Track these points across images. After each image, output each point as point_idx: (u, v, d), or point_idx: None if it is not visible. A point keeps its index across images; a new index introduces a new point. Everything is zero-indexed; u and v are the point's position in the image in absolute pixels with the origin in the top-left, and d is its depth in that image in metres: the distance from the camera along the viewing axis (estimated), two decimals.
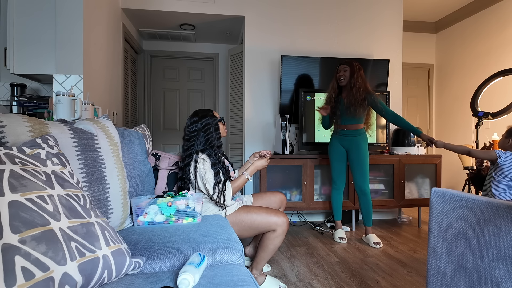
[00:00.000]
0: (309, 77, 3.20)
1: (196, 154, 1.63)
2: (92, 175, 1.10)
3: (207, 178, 1.59)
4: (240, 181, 1.70)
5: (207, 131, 1.65)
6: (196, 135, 1.65)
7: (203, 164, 1.60)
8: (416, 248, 2.42)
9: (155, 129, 4.29)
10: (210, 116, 1.68)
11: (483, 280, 0.85)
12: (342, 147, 2.55)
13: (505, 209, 0.80)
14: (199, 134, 1.64)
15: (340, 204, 2.67)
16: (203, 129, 1.65)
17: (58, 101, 1.61)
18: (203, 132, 1.65)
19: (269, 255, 1.63)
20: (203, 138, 1.65)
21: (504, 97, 3.56)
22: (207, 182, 1.59)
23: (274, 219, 1.57)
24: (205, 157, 1.62)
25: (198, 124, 1.65)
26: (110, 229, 0.84)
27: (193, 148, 1.64)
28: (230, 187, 1.63)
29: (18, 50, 2.00)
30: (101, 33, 2.46)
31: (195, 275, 0.82)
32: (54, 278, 0.61)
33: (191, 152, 1.64)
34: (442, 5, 4.08)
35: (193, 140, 1.65)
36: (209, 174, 1.59)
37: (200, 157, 1.62)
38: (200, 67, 4.36)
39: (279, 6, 3.29)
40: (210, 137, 1.65)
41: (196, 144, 1.64)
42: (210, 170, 1.60)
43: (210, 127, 1.66)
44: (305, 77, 3.19)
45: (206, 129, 1.65)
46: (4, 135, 0.86)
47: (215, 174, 1.60)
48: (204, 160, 1.61)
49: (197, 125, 1.65)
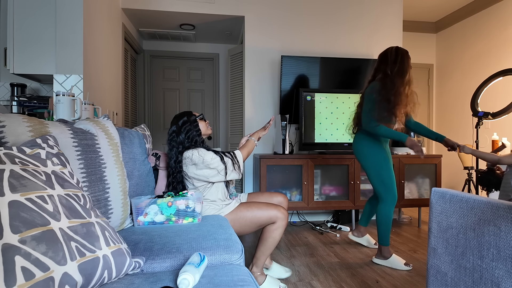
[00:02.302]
0: (309, 77, 3.20)
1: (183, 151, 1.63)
2: (92, 175, 1.10)
3: (211, 158, 1.59)
4: (249, 145, 1.78)
5: (185, 129, 1.67)
6: (175, 135, 1.66)
7: (198, 152, 1.60)
8: (416, 248, 2.42)
9: (155, 129, 4.29)
10: (187, 115, 1.72)
11: (483, 280, 0.85)
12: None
13: (505, 209, 0.80)
14: (178, 133, 1.67)
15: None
16: (181, 127, 1.67)
17: (58, 101, 1.61)
18: (182, 131, 1.67)
19: (269, 249, 1.64)
20: (184, 137, 1.66)
21: (504, 97, 3.55)
22: (212, 162, 1.59)
23: (274, 212, 1.61)
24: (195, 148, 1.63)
25: (176, 125, 1.69)
26: (110, 229, 0.84)
27: (174, 150, 1.65)
28: (239, 151, 1.71)
29: (18, 50, 2.00)
30: (101, 33, 2.46)
31: (195, 275, 0.82)
32: (54, 278, 0.61)
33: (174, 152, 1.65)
34: (442, 5, 4.08)
35: (173, 141, 1.66)
36: (210, 155, 1.60)
37: (191, 150, 1.61)
38: (200, 67, 4.36)
39: (279, 6, 3.29)
40: (190, 134, 1.67)
41: (176, 145, 1.65)
42: (208, 152, 1.61)
43: (188, 124, 1.68)
44: (305, 77, 3.19)
45: (185, 127, 1.68)
46: (4, 135, 0.86)
47: (215, 152, 1.63)
48: (197, 149, 1.61)
49: (175, 126, 1.68)
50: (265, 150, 3.29)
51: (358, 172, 2.90)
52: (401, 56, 2.03)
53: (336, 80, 3.21)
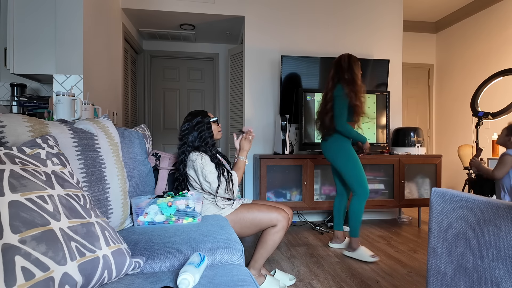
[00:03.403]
0: (309, 77, 3.20)
1: (192, 151, 1.64)
2: (92, 175, 1.10)
3: (210, 171, 1.59)
4: (241, 166, 1.74)
5: (199, 129, 1.68)
6: (188, 133, 1.68)
7: (202, 159, 1.60)
8: (416, 248, 2.42)
9: (155, 129, 4.29)
10: (202, 115, 1.72)
11: (483, 280, 0.85)
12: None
13: (505, 209, 0.80)
14: (191, 131, 1.68)
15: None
16: (195, 127, 1.68)
17: (58, 101, 1.61)
18: (196, 130, 1.68)
19: (267, 252, 1.63)
20: (196, 136, 1.67)
21: (504, 97, 3.56)
22: (209, 175, 1.58)
23: (275, 215, 1.59)
24: (202, 153, 1.63)
25: (190, 122, 1.69)
26: (110, 229, 0.84)
27: (185, 146, 1.66)
28: (235, 173, 1.67)
29: (18, 50, 2.00)
30: (101, 33, 2.46)
31: (195, 275, 0.82)
32: (54, 278, 0.61)
33: (183, 150, 1.66)
34: (442, 5, 4.08)
35: (185, 138, 1.68)
36: (210, 167, 1.60)
37: (197, 154, 1.62)
38: (200, 67, 4.36)
39: (279, 6, 3.29)
40: (202, 134, 1.68)
41: (187, 142, 1.66)
42: (210, 163, 1.61)
43: (202, 125, 1.69)
44: (305, 77, 3.19)
45: (198, 127, 1.68)
46: (4, 135, 0.86)
47: (217, 165, 1.61)
48: (202, 155, 1.62)
49: (189, 123, 1.69)
50: (265, 150, 3.29)
51: None
52: (354, 64, 2.24)
53: None
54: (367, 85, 3.27)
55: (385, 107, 3.15)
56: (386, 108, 3.15)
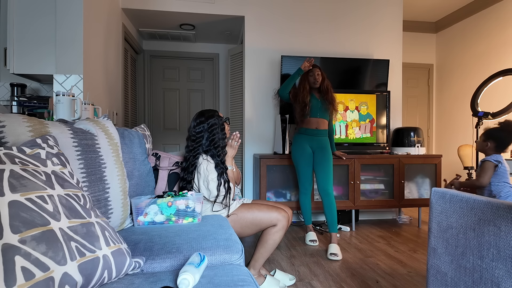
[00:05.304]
0: None
1: (201, 153, 1.64)
2: (92, 175, 1.10)
3: (212, 179, 1.59)
4: (230, 175, 1.72)
5: (213, 132, 1.65)
6: (202, 136, 1.64)
7: (207, 165, 1.60)
8: (416, 248, 2.42)
9: (155, 129, 4.29)
10: (216, 116, 1.69)
11: (483, 280, 0.85)
12: (310, 148, 2.48)
13: (505, 209, 0.80)
14: (205, 134, 1.65)
15: (310, 208, 2.58)
16: (209, 129, 1.65)
17: (58, 101, 1.61)
18: (209, 133, 1.65)
19: (268, 252, 1.63)
20: (208, 139, 1.65)
21: (504, 97, 3.56)
22: (211, 183, 1.58)
23: (275, 214, 1.59)
24: (208, 158, 1.63)
25: (205, 124, 1.65)
26: (110, 229, 0.84)
27: (199, 149, 1.64)
28: (233, 187, 1.66)
29: (18, 50, 2.00)
30: (101, 33, 2.46)
31: (195, 275, 0.82)
32: (54, 278, 0.61)
33: (198, 152, 1.64)
34: (442, 5, 4.08)
35: (199, 140, 1.64)
36: (213, 175, 1.60)
37: (204, 158, 1.62)
38: (200, 67, 4.36)
39: (279, 6, 3.29)
40: (215, 137, 1.65)
41: (202, 145, 1.64)
42: (214, 171, 1.60)
43: (216, 128, 1.66)
44: None
45: (212, 129, 1.65)
46: (4, 135, 0.86)
47: (219, 175, 1.60)
48: (208, 161, 1.61)
49: (203, 125, 1.65)
50: (265, 150, 3.29)
51: (358, 172, 2.90)
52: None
53: (336, 80, 3.21)
54: (367, 85, 3.27)
55: (385, 107, 3.15)
56: (386, 108, 3.15)
